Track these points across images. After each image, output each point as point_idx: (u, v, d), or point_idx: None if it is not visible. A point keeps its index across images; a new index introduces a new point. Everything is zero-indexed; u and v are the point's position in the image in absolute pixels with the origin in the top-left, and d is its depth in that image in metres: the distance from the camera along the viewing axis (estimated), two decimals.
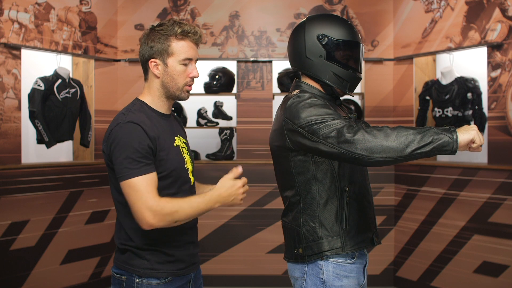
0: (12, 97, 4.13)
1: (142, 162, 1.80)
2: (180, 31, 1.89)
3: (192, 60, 1.93)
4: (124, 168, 1.79)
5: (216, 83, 4.95)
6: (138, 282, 1.89)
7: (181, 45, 1.90)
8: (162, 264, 1.91)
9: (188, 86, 1.95)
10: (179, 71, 1.91)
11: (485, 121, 4.24)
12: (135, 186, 1.78)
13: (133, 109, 1.91)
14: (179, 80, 1.92)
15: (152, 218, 1.77)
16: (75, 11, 4.62)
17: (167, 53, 1.90)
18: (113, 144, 1.83)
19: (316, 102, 1.87)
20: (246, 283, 4.88)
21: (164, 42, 1.90)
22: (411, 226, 4.72)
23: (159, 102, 1.97)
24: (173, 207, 1.78)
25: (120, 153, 1.80)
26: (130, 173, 1.78)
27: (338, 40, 1.95)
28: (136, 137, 1.81)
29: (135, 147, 1.80)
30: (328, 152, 1.78)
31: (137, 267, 1.90)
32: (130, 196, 1.79)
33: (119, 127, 1.84)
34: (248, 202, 4.87)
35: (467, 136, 1.70)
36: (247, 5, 5.01)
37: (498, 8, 4.07)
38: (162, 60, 1.91)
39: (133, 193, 1.78)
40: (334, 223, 1.93)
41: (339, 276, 1.93)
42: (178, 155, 1.95)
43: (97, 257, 4.66)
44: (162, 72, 1.92)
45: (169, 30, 1.90)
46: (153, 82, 1.95)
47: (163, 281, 1.91)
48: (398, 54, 4.88)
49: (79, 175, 4.60)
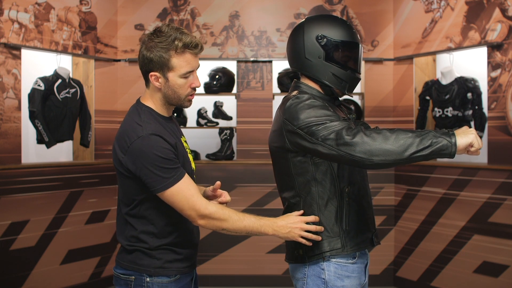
0: (12, 97, 4.13)
1: (174, 169, 1.83)
2: (181, 45, 1.84)
3: (193, 71, 1.91)
4: (161, 178, 1.80)
5: (216, 83, 4.95)
6: (149, 281, 1.91)
7: (182, 60, 1.86)
8: (171, 262, 1.94)
9: (190, 96, 1.94)
10: (180, 85, 1.90)
11: (485, 121, 4.24)
12: (179, 193, 1.82)
13: (146, 119, 1.88)
14: (180, 92, 1.91)
15: (200, 221, 1.84)
16: (75, 11, 4.62)
17: (167, 67, 1.86)
18: (139, 158, 1.81)
19: (315, 103, 1.87)
20: (246, 283, 4.88)
21: (163, 56, 1.84)
22: (411, 226, 4.72)
23: (162, 108, 1.97)
24: (224, 215, 1.84)
25: (151, 166, 1.80)
26: (168, 182, 1.81)
27: (337, 41, 1.95)
28: (162, 148, 1.82)
29: (164, 157, 1.81)
30: (326, 154, 1.78)
31: (147, 267, 1.92)
32: (177, 204, 1.84)
33: (142, 140, 1.82)
34: (248, 202, 4.87)
35: (465, 139, 1.70)
36: (247, 5, 5.01)
37: (498, 8, 4.06)
38: (162, 74, 1.88)
39: (178, 200, 1.83)
40: (334, 224, 1.93)
41: (341, 276, 1.93)
42: (187, 157, 1.99)
43: (97, 257, 4.66)
44: (163, 85, 1.90)
45: (169, 44, 1.84)
46: (155, 92, 1.94)
47: (173, 279, 1.94)
48: (398, 54, 4.88)
49: (79, 175, 4.60)
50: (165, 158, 1.81)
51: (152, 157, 1.80)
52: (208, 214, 1.82)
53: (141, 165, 1.81)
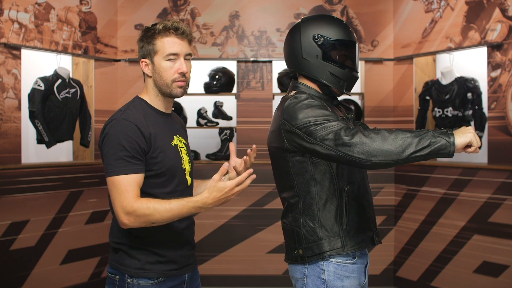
0: (12, 97, 4.13)
1: (128, 162, 1.81)
2: (162, 27, 1.91)
3: (178, 55, 1.92)
4: (110, 164, 1.81)
5: (216, 83, 4.95)
6: (130, 282, 1.90)
7: (164, 42, 1.91)
8: (153, 264, 1.91)
9: (178, 82, 1.93)
10: (164, 68, 1.92)
11: (485, 121, 4.23)
12: (117, 185, 1.80)
13: (131, 107, 1.93)
14: (166, 77, 1.92)
15: (126, 219, 1.79)
16: (75, 11, 4.62)
17: (153, 51, 1.92)
18: (104, 139, 1.85)
19: (313, 103, 1.87)
20: (246, 283, 4.88)
21: (150, 42, 1.93)
22: (411, 226, 4.72)
23: (156, 100, 1.98)
24: (148, 209, 1.77)
25: (108, 149, 1.82)
26: (114, 170, 1.80)
27: (334, 40, 1.96)
28: (127, 136, 1.82)
29: (124, 145, 1.81)
30: (325, 154, 1.78)
31: (128, 267, 1.90)
32: (111, 194, 1.82)
33: (114, 123, 1.86)
34: (248, 202, 4.87)
35: (464, 139, 1.70)
36: (247, 5, 5.01)
37: (498, 8, 4.06)
38: (150, 59, 1.94)
39: (114, 191, 1.81)
40: (334, 223, 1.93)
41: (341, 277, 1.93)
42: (175, 154, 1.96)
43: (97, 257, 4.67)
44: (152, 71, 1.95)
45: (155, 29, 1.92)
46: (148, 81, 1.98)
47: (155, 282, 1.91)
48: (398, 54, 4.88)
49: (79, 175, 4.60)
50: (124, 147, 1.81)
51: (114, 141, 1.82)
52: (132, 211, 1.77)
53: (103, 144, 1.85)
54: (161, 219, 1.79)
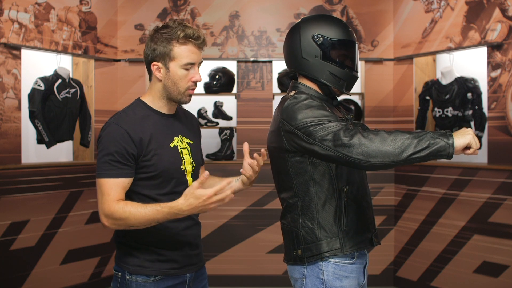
0: (12, 97, 4.13)
1: (113, 166, 1.83)
2: (183, 35, 1.87)
3: (194, 64, 1.92)
4: (98, 167, 1.86)
5: (216, 83, 4.95)
6: (129, 279, 1.91)
7: (183, 50, 1.89)
8: (152, 262, 1.92)
9: (190, 90, 1.94)
10: (180, 76, 1.90)
11: (485, 121, 4.23)
12: (100, 187, 1.84)
13: (129, 110, 1.94)
14: (180, 85, 1.92)
15: (105, 220, 1.82)
16: (75, 11, 4.62)
17: (169, 57, 1.89)
18: (98, 141, 1.90)
19: (313, 103, 1.87)
20: (246, 283, 4.88)
21: (166, 46, 1.88)
22: (411, 226, 4.72)
23: (159, 102, 1.97)
24: (124, 213, 1.78)
25: (98, 152, 1.87)
26: (100, 173, 1.85)
27: (333, 40, 1.96)
28: (115, 141, 1.84)
29: (110, 150, 1.84)
30: (324, 154, 1.78)
31: (128, 264, 1.92)
32: (97, 196, 1.86)
33: (106, 127, 1.89)
34: (248, 202, 4.87)
35: (463, 140, 1.70)
36: (247, 5, 5.01)
37: (498, 8, 4.06)
38: (164, 64, 1.90)
39: (98, 192, 1.85)
40: (333, 224, 1.93)
41: (339, 277, 1.93)
42: (173, 156, 1.95)
43: (97, 257, 4.66)
44: (164, 76, 1.92)
45: (172, 33, 1.87)
46: (156, 84, 1.96)
47: (153, 279, 1.91)
48: (398, 54, 4.88)
49: (79, 175, 4.60)
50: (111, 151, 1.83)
51: (104, 145, 1.85)
52: (110, 214, 1.79)
53: (98, 148, 1.89)
54: (137, 223, 1.79)
